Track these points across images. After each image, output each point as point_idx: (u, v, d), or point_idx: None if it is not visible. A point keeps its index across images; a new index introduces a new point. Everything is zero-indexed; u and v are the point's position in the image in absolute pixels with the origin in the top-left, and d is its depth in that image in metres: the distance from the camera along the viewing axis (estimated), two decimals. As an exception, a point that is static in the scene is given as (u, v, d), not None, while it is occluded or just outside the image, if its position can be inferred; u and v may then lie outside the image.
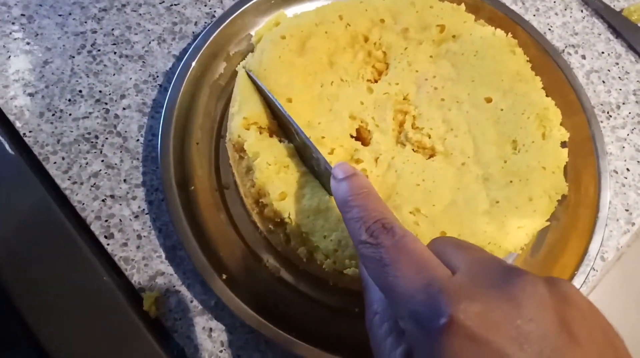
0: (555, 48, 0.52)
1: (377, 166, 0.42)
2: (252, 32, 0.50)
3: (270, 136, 0.41)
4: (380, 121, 0.43)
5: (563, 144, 0.43)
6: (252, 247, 0.43)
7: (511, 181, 0.41)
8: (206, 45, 0.46)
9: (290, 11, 0.51)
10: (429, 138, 0.43)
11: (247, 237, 0.43)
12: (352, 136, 0.43)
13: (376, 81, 0.46)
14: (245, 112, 0.40)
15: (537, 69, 0.46)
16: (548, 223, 0.41)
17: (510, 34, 0.47)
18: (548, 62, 0.51)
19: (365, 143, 0.43)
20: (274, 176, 0.39)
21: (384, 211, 0.27)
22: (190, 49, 0.46)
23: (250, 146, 0.39)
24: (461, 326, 0.20)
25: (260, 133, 0.41)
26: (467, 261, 0.24)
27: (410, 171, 0.41)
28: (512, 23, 0.52)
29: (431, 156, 0.43)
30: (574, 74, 0.51)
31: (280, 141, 0.41)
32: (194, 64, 0.45)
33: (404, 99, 0.44)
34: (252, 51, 0.44)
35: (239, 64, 0.44)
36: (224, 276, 0.39)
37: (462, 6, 0.47)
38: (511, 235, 0.39)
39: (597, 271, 0.47)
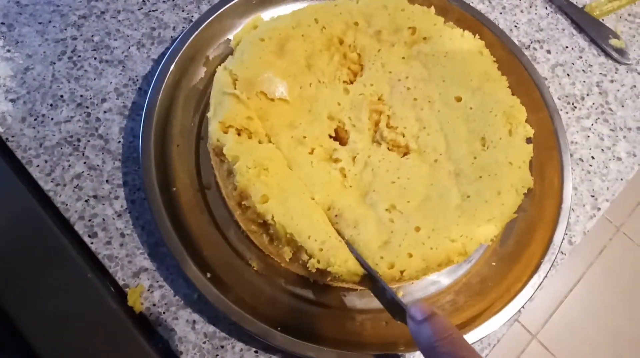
0: (519, 48, 0.55)
1: (355, 164, 0.43)
2: (230, 37, 0.51)
3: (249, 137, 0.42)
4: (356, 121, 0.45)
5: (528, 140, 0.45)
6: (234, 246, 0.44)
7: (481, 176, 0.43)
8: (184, 49, 0.47)
9: (267, 14, 0.53)
10: (403, 136, 0.45)
11: (229, 236, 0.45)
12: (330, 136, 0.45)
13: (352, 82, 0.47)
14: (220, 115, 0.42)
15: (502, 68, 0.49)
16: (516, 215, 0.43)
17: (477, 36, 0.49)
18: (513, 61, 0.53)
19: (343, 142, 0.45)
20: (254, 179, 0.40)
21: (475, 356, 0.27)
22: (168, 52, 0.47)
23: (229, 150, 0.40)
24: None
25: (239, 135, 0.42)
26: None
27: (385, 169, 0.43)
28: (478, 24, 0.54)
29: (405, 154, 0.45)
30: (537, 73, 0.53)
31: (259, 142, 0.42)
32: (172, 67, 0.47)
33: (378, 99, 0.46)
34: (232, 54, 0.45)
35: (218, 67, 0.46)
36: (209, 275, 0.40)
37: (432, 9, 0.49)
38: (482, 227, 0.41)
39: (565, 254, 0.49)
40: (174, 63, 0.47)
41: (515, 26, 0.61)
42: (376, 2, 0.48)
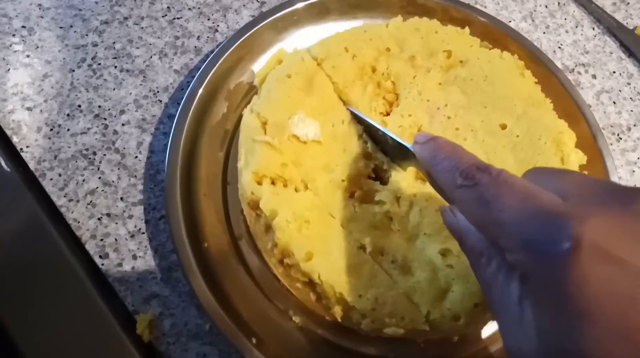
0: (549, 58, 0.51)
1: (400, 206, 0.40)
2: (253, 67, 0.48)
3: (285, 186, 0.39)
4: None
5: (581, 168, 0.42)
6: (274, 301, 0.41)
7: None
8: (204, 85, 0.44)
9: (289, 41, 0.50)
10: None
11: (268, 291, 0.41)
12: (369, 176, 0.41)
13: (388, 114, 0.44)
14: (252, 165, 0.38)
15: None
16: None
17: (516, 55, 0.46)
18: (546, 74, 0.50)
19: (383, 181, 0.42)
20: (296, 234, 0.36)
21: (474, 157, 0.27)
22: (188, 91, 0.44)
23: (266, 203, 0.37)
24: (591, 245, 0.18)
25: (274, 184, 0.38)
26: (573, 184, 0.23)
27: (434, 209, 0.39)
28: (504, 35, 0.51)
29: None
30: (569, 80, 0.50)
31: (295, 190, 0.39)
32: (193, 107, 0.44)
33: (418, 130, 0.43)
34: (257, 93, 0.42)
35: (243, 105, 0.43)
36: (254, 341, 0.37)
37: (467, 29, 0.46)
38: None
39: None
40: (195, 101, 0.44)
41: (559, 47, 0.57)
42: (407, 25, 0.45)
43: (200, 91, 0.44)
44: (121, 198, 0.44)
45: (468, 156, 0.27)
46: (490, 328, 0.42)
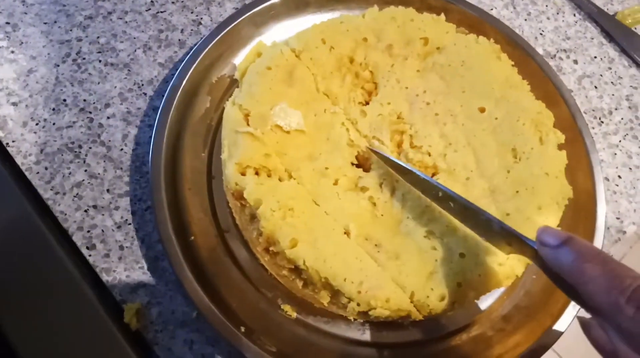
0: (526, 41, 0.52)
1: (383, 191, 0.41)
2: (234, 61, 0.49)
3: (269, 176, 0.39)
4: (378, 144, 0.43)
5: (559, 147, 0.43)
6: (262, 291, 0.42)
7: (518, 191, 0.40)
8: (185, 81, 0.45)
9: (268, 35, 0.50)
10: (429, 155, 0.42)
11: (256, 281, 0.42)
12: (352, 164, 0.42)
13: (367, 103, 0.44)
14: (236, 156, 0.39)
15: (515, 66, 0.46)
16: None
17: (492, 39, 0.46)
18: (522, 56, 0.50)
19: (366, 168, 0.42)
20: (280, 222, 0.37)
21: (633, 272, 0.23)
22: (169, 87, 0.44)
23: (250, 193, 0.38)
24: None
25: (258, 175, 0.39)
26: None
27: (416, 193, 0.40)
28: (481, 21, 0.52)
29: (434, 174, 0.42)
30: (546, 63, 0.50)
31: (279, 179, 0.39)
32: (174, 104, 0.44)
33: (398, 118, 0.43)
34: (238, 86, 0.43)
35: (226, 99, 0.43)
36: (243, 330, 0.38)
37: (442, 16, 0.47)
38: None
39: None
40: (178, 95, 0.44)
41: (541, 34, 0.58)
42: (383, 14, 0.46)
43: (183, 84, 0.45)
44: (107, 190, 0.44)
45: (626, 271, 0.23)
46: (474, 308, 0.43)
